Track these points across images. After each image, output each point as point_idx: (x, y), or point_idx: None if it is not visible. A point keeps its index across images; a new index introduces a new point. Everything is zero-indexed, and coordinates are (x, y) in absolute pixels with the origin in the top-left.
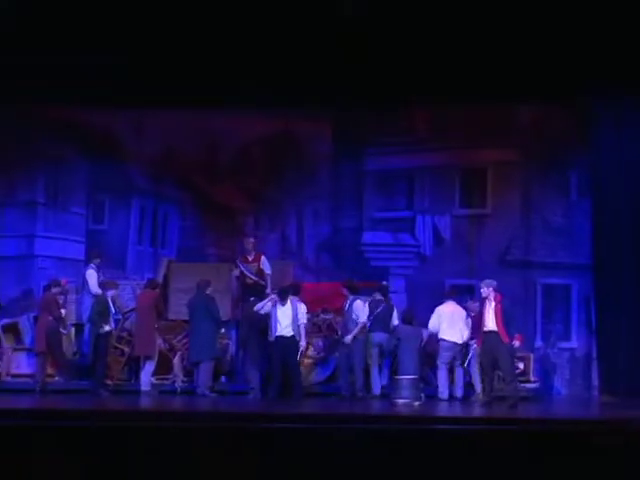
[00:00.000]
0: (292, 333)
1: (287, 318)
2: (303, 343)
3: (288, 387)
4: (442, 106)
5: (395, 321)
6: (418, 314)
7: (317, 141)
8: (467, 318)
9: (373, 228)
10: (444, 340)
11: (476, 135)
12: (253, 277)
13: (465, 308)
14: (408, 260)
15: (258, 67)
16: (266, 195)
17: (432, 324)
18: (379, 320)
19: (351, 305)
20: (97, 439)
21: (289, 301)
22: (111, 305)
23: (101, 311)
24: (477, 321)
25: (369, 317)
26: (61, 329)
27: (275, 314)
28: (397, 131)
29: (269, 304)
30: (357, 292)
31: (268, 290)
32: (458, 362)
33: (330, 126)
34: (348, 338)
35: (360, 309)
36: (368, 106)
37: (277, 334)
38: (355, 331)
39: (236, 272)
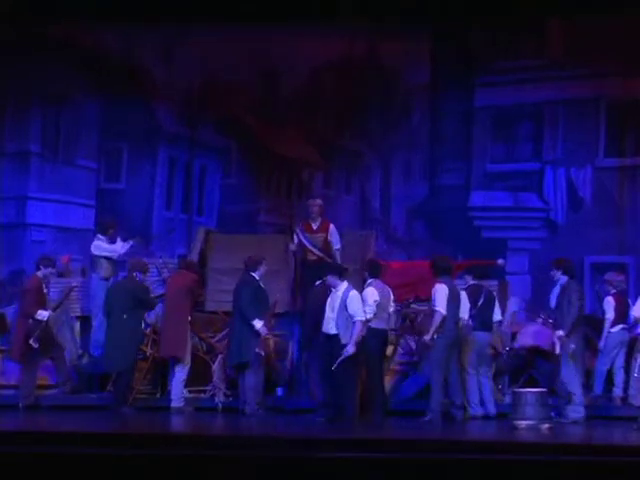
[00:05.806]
0: (334, 331)
1: (331, 310)
2: (351, 348)
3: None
4: (584, 17)
5: (497, 316)
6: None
7: (411, 68)
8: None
9: (486, 186)
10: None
11: (630, 57)
12: (317, 252)
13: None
14: (534, 230)
15: None
16: (341, 143)
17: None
18: (482, 314)
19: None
20: (108, 471)
21: (343, 285)
22: None
23: (145, 299)
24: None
25: (471, 310)
26: (31, 341)
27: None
28: (519, 53)
29: None
30: (448, 274)
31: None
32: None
33: (429, 47)
34: (426, 337)
35: (439, 295)
36: (480, 19)
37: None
38: (433, 327)
39: (292, 246)
